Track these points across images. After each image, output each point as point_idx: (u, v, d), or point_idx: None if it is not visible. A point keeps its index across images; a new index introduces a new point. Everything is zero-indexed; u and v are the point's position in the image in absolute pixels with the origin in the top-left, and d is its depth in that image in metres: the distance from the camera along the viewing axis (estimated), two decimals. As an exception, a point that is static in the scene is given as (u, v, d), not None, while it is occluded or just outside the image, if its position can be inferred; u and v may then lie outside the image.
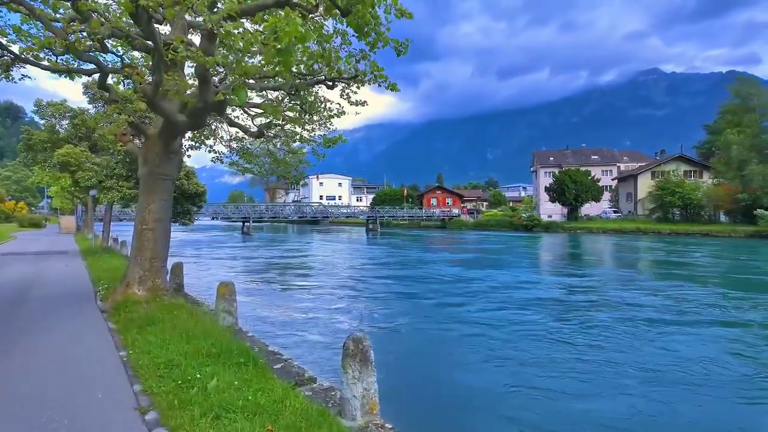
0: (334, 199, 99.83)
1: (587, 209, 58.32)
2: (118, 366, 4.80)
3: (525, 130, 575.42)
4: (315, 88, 8.71)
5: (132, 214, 42.42)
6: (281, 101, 9.18)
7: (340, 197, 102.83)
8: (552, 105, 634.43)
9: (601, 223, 53.27)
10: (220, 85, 7.51)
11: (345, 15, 5.84)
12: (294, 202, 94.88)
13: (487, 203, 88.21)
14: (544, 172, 69.86)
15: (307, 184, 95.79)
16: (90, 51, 6.91)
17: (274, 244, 38.72)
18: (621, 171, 70.21)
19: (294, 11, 5.09)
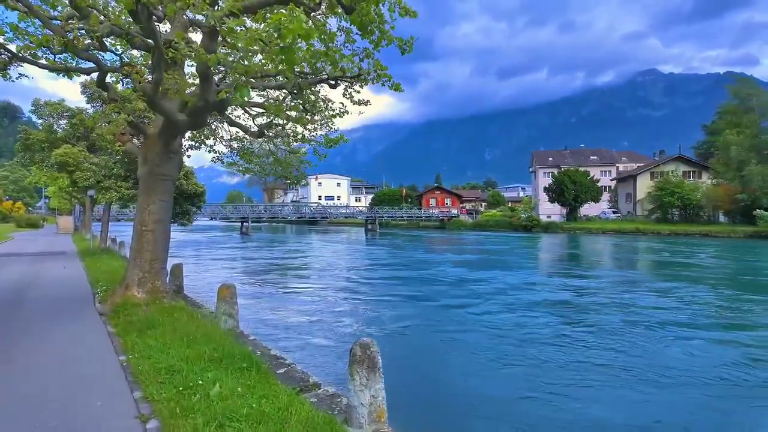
0: (333, 199, 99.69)
1: (586, 210, 58.31)
2: (117, 371, 4.68)
3: (524, 131, 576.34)
4: (317, 87, 8.60)
5: (130, 214, 42.30)
6: (283, 100, 9.07)
7: (338, 197, 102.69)
8: (551, 105, 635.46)
9: (601, 223, 53.25)
10: (220, 84, 7.40)
11: (349, 12, 5.74)
12: (292, 202, 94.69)
13: (485, 203, 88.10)
14: (543, 173, 69.85)
15: (308, 184, 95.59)
16: (89, 49, 6.78)
17: (273, 244, 38.58)
18: (619, 171, 70.30)
19: (298, 8, 4.99)
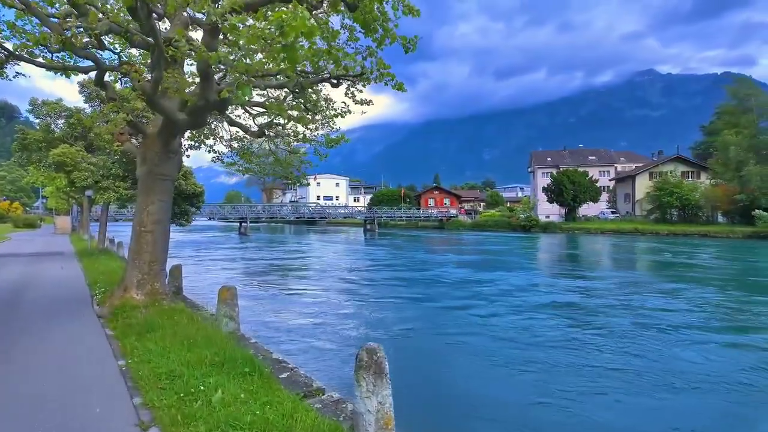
0: (332, 199, 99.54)
1: (585, 210, 58.37)
2: (117, 376, 4.58)
3: (522, 131, 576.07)
4: (319, 87, 8.50)
5: (128, 214, 42.09)
6: (284, 100, 8.97)
7: (337, 197, 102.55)
8: (549, 105, 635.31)
9: (599, 223, 53.29)
10: (221, 82, 7.29)
11: (352, 10, 5.66)
12: (291, 202, 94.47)
13: (484, 204, 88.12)
14: (541, 173, 69.88)
15: (309, 184, 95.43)
16: (87, 48, 6.67)
17: (272, 244, 38.45)
18: (618, 171, 70.38)
19: (301, 5, 4.89)
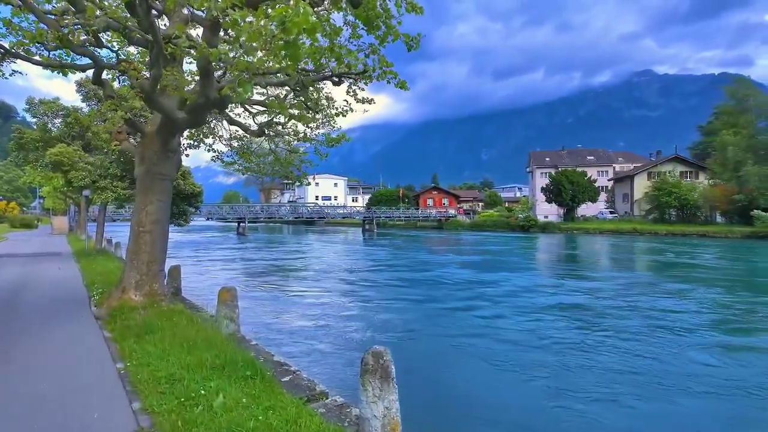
0: (330, 199, 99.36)
1: (583, 210, 58.40)
2: (115, 380, 4.47)
3: (521, 131, 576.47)
4: (320, 85, 8.40)
5: (126, 214, 41.86)
6: (285, 98, 8.86)
7: (335, 197, 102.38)
8: (547, 105, 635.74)
9: (598, 223, 53.31)
10: (220, 80, 7.18)
11: (355, 6, 5.56)
12: (289, 202, 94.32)
13: (482, 204, 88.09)
14: (540, 173, 69.88)
15: (310, 183, 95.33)
16: (84, 45, 6.56)
17: (271, 245, 38.33)
18: (616, 172, 70.46)
19: (304, 1, 4.79)
